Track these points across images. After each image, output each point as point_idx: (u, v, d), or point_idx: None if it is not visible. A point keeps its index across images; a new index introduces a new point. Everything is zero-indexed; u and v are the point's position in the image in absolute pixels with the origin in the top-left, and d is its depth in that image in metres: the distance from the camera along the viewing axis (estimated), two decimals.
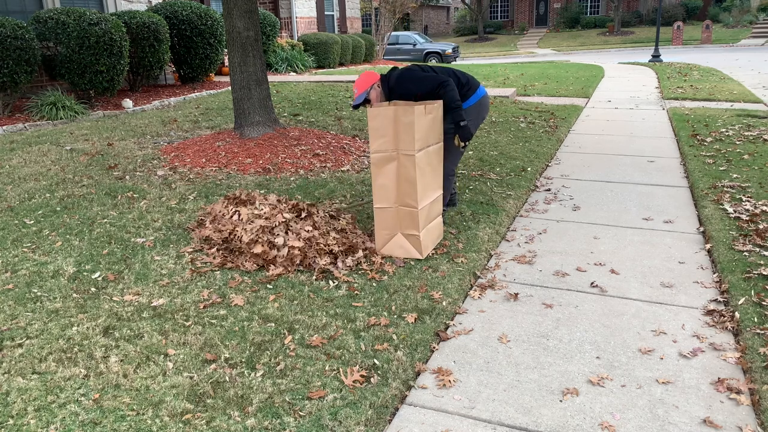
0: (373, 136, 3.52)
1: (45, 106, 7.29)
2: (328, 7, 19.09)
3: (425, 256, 3.66)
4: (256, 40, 5.93)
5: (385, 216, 3.65)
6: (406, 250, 3.65)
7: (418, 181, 3.50)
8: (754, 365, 2.55)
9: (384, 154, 3.53)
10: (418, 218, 3.56)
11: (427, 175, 3.63)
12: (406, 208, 3.58)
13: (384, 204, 3.62)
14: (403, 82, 3.86)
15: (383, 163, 3.54)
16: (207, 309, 3.03)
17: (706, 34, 28.68)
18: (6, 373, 2.48)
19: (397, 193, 3.59)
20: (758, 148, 6.34)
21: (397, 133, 3.46)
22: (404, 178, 3.53)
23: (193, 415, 2.24)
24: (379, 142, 3.51)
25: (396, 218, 3.63)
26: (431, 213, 3.74)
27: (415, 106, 3.40)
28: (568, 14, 38.11)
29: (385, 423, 2.28)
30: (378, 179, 3.59)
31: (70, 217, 4.18)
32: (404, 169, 3.51)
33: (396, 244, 3.66)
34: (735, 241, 3.83)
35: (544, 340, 2.85)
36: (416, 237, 3.61)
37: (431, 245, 3.76)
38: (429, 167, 3.64)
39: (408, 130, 3.42)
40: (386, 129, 3.48)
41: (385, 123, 3.47)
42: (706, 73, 14.27)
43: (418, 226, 3.58)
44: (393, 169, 3.54)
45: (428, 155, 3.62)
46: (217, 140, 6.03)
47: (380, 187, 3.60)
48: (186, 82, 10.70)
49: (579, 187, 5.39)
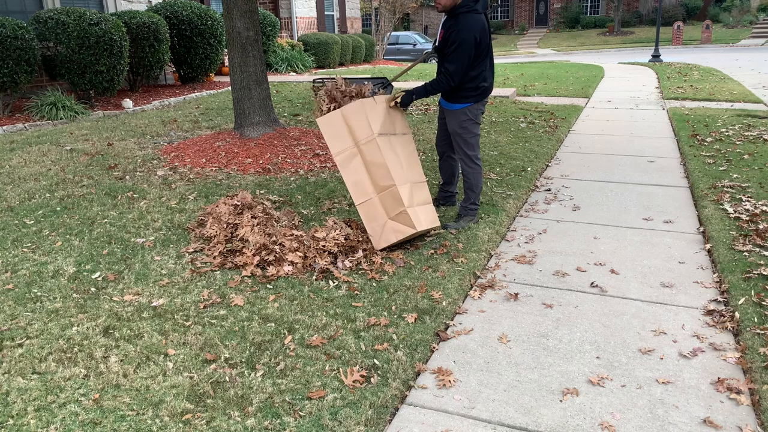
0: (330, 141, 3.68)
1: (45, 106, 7.29)
2: (328, 7, 19.09)
3: (420, 229, 3.64)
4: (256, 40, 5.92)
5: (368, 209, 3.68)
6: (399, 231, 3.62)
7: (387, 162, 3.58)
8: (754, 365, 2.55)
9: (345, 153, 3.65)
10: (399, 194, 3.58)
11: (399, 158, 3.70)
12: (384, 192, 3.63)
13: (363, 198, 3.68)
14: (463, 29, 3.73)
15: (348, 161, 3.66)
16: (207, 309, 3.03)
17: (706, 34, 28.68)
18: (6, 373, 2.48)
19: (372, 182, 3.65)
20: (758, 148, 6.34)
21: (350, 129, 3.61)
22: (372, 165, 3.62)
23: (193, 415, 2.24)
24: (337, 144, 3.66)
25: (380, 206, 3.65)
26: (416, 196, 3.73)
27: (360, 100, 3.62)
28: (568, 14, 38.11)
29: (385, 423, 2.28)
30: (349, 178, 3.68)
31: (70, 217, 4.18)
32: (369, 157, 3.61)
33: (390, 230, 3.64)
34: (735, 241, 3.83)
35: (544, 340, 2.85)
36: (404, 213, 3.60)
37: (426, 222, 3.73)
38: (393, 153, 3.69)
39: (360, 119, 3.58)
40: (338, 130, 3.64)
41: (337, 125, 3.63)
42: (706, 73, 14.27)
43: (401, 201, 3.59)
44: (359, 163, 3.64)
45: (391, 142, 3.70)
46: (217, 140, 6.03)
47: (354, 184, 3.68)
48: (186, 82, 10.70)
49: (579, 187, 5.39)
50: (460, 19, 3.74)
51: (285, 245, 3.56)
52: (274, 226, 3.79)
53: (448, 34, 3.75)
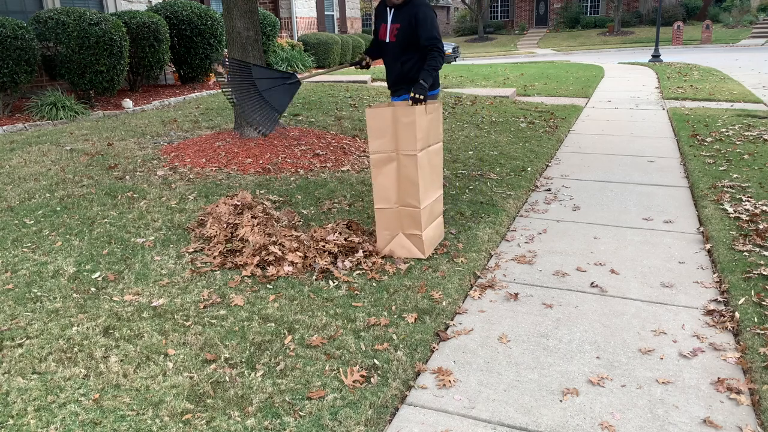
0: (372, 136, 3.51)
1: (45, 106, 7.29)
2: (328, 7, 19.09)
3: (427, 255, 3.66)
4: (256, 40, 5.93)
5: (386, 216, 3.64)
6: (408, 250, 3.64)
7: (420, 181, 3.50)
8: (754, 365, 2.55)
9: (383, 154, 3.52)
10: (420, 218, 3.55)
11: (427, 175, 3.63)
12: (407, 208, 3.58)
13: (384, 204, 3.62)
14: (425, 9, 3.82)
15: (383, 163, 3.54)
16: (207, 309, 3.03)
17: (706, 34, 28.68)
18: (6, 373, 2.48)
19: (398, 194, 3.58)
20: (758, 148, 6.34)
21: (396, 133, 3.46)
22: (405, 178, 3.53)
23: (193, 415, 2.24)
24: (379, 142, 3.50)
25: (397, 218, 3.62)
26: (433, 213, 3.74)
27: (415, 107, 3.40)
28: (568, 14, 38.11)
29: (385, 423, 2.28)
30: (378, 179, 3.58)
31: (70, 217, 4.18)
32: (405, 170, 3.50)
33: (398, 244, 3.66)
34: (735, 241, 3.83)
35: (544, 340, 2.85)
36: (419, 237, 3.60)
37: (433, 245, 3.76)
38: (429, 167, 3.64)
39: (409, 129, 3.41)
40: (385, 129, 3.47)
41: (384, 123, 3.46)
42: (706, 73, 14.27)
43: (420, 226, 3.57)
44: (393, 169, 3.54)
45: (428, 155, 3.61)
46: (217, 140, 6.03)
47: (380, 188, 3.59)
48: (186, 82, 10.70)
49: (579, 187, 5.39)
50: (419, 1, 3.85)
51: (285, 245, 3.56)
52: (274, 226, 3.79)
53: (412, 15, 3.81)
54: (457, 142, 6.79)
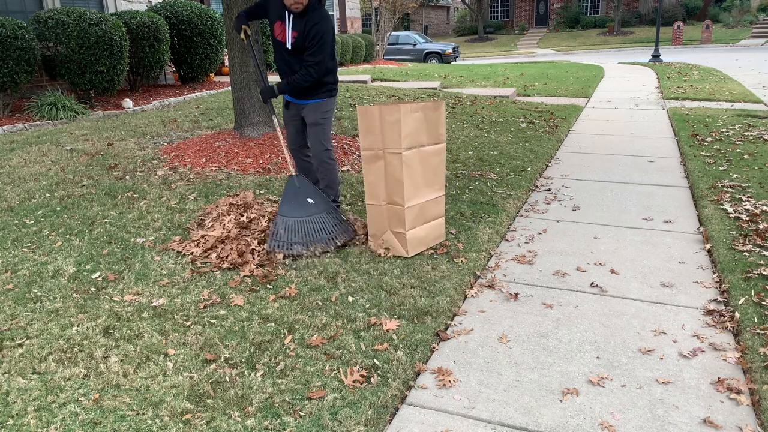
0: (362, 133, 3.60)
1: (45, 106, 7.29)
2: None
3: (411, 255, 3.66)
4: (256, 40, 5.92)
5: (375, 213, 3.70)
6: (393, 247, 3.68)
7: (406, 180, 3.52)
8: (754, 365, 2.55)
9: (372, 152, 3.59)
10: (404, 216, 3.57)
11: (418, 175, 3.62)
12: (394, 206, 3.62)
13: (374, 201, 3.68)
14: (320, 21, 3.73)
15: (372, 160, 3.61)
16: (207, 309, 3.03)
17: (706, 34, 28.67)
18: (6, 373, 2.48)
19: (386, 191, 3.62)
20: (758, 148, 6.34)
21: (383, 132, 3.51)
22: (391, 177, 3.56)
23: (193, 415, 2.24)
24: (369, 139, 3.58)
25: (386, 215, 3.66)
26: (425, 213, 3.72)
27: (400, 105, 3.42)
28: (568, 14, 38.11)
29: (385, 423, 2.28)
30: (368, 176, 3.66)
31: (70, 217, 4.18)
32: (391, 168, 3.54)
33: (385, 240, 3.71)
34: (735, 241, 3.83)
35: (544, 340, 2.85)
36: (402, 235, 3.62)
37: (421, 245, 3.74)
38: (421, 166, 3.62)
39: (394, 128, 3.45)
40: (373, 127, 3.54)
41: (372, 121, 3.53)
42: (706, 73, 14.27)
43: (404, 224, 3.59)
44: (381, 167, 3.59)
45: (421, 154, 3.60)
46: (217, 140, 6.03)
47: (370, 185, 3.67)
48: (186, 82, 10.70)
49: (579, 187, 5.39)
50: (318, 13, 3.76)
51: None
52: None
53: (307, 30, 3.72)
54: (457, 142, 6.79)
